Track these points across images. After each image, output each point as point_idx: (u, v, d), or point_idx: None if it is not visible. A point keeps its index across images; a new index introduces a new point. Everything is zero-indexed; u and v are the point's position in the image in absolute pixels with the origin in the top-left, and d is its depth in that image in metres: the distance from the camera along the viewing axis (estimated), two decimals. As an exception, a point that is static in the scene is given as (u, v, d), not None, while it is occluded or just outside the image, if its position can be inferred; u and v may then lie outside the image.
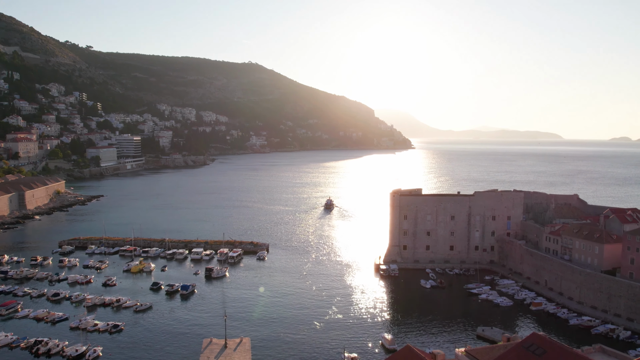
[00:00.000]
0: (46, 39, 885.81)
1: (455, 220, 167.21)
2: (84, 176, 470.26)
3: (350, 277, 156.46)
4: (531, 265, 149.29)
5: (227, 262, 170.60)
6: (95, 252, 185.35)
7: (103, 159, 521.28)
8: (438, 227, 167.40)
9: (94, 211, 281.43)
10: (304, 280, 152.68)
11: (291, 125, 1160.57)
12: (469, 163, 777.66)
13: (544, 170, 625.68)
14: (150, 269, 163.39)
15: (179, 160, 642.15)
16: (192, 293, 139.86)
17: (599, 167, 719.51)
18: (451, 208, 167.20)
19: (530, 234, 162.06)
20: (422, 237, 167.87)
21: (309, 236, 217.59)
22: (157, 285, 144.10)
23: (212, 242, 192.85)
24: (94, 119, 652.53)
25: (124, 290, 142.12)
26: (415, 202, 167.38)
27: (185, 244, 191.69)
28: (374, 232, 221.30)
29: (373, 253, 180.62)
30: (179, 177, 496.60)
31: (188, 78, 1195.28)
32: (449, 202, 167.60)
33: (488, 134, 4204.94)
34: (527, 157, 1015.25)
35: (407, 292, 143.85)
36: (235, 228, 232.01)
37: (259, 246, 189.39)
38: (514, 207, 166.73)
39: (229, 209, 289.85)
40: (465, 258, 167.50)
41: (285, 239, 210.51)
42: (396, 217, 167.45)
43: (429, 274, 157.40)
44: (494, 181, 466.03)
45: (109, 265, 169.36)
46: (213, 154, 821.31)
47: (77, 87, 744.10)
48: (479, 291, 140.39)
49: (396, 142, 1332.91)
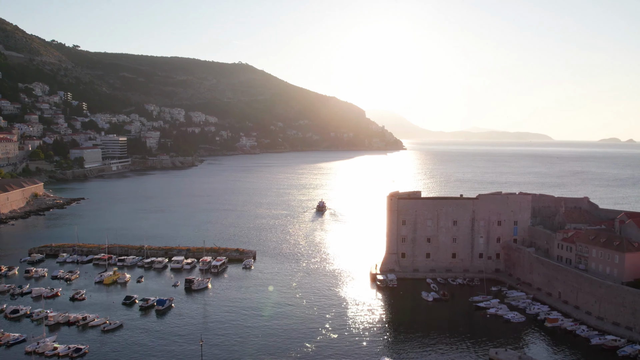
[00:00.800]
0: (31, 38, 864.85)
1: (457, 225, 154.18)
2: (67, 178, 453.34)
3: (345, 289, 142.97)
4: (542, 275, 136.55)
5: (209, 272, 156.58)
6: (67, 261, 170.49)
7: (87, 160, 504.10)
8: (439, 233, 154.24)
9: (72, 215, 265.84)
10: (293, 293, 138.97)
11: (282, 126, 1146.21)
12: (463, 164, 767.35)
13: (539, 171, 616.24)
14: (125, 280, 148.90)
15: (166, 161, 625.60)
16: (169, 308, 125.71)
17: (594, 167, 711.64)
18: (453, 212, 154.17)
19: (539, 240, 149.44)
20: (422, 244, 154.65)
21: (299, 242, 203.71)
22: (131, 300, 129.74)
23: (194, 249, 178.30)
24: (78, 119, 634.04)
25: (93, 306, 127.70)
26: (414, 206, 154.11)
27: (166, 252, 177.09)
28: (369, 237, 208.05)
29: (368, 261, 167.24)
30: (166, 179, 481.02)
31: (177, 78, 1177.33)
32: (451, 206, 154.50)
33: (478, 135, 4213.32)
34: (521, 157, 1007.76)
35: (407, 306, 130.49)
36: (221, 233, 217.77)
37: (245, 254, 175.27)
38: (521, 211, 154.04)
39: (215, 213, 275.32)
40: (469, 266, 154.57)
41: (274, 246, 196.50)
42: (394, 223, 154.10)
43: (430, 285, 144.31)
44: (489, 183, 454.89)
45: (80, 275, 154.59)
46: (202, 155, 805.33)
47: (62, 87, 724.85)
48: (487, 305, 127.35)
49: (387, 143, 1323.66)
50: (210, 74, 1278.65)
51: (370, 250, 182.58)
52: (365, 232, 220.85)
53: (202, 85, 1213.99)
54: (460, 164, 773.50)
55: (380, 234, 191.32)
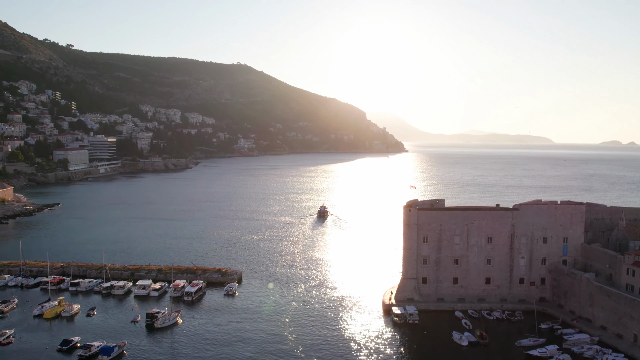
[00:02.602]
0: (21, 36, 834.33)
1: (492, 243, 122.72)
2: (49, 181, 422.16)
3: (351, 326, 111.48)
4: (608, 310, 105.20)
5: (182, 301, 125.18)
6: (8, 285, 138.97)
7: (72, 162, 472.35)
8: (469, 252, 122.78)
9: (39, 223, 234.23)
10: (285, 330, 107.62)
11: (281, 127, 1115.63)
12: (473, 167, 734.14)
13: (556, 174, 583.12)
14: (72, 312, 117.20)
15: (158, 163, 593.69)
16: (118, 358, 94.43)
17: (606, 170, 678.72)
18: (487, 227, 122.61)
19: (597, 262, 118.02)
20: (448, 266, 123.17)
21: (295, 259, 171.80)
22: (69, 345, 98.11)
23: (167, 269, 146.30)
24: (66, 119, 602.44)
25: (19, 353, 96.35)
26: (438, 219, 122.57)
27: (132, 272, 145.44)
28: (380, 253, 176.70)
29: (380, 286, 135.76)
30: (155, 182, 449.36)
31: (174, 79, 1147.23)
32: (484, 219, 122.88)
33: (479, 137, 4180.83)
34: (528, 160, 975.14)
35: (434, 352, 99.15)
36: (202, 247, 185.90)
37: (229, 275, 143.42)
38: (573, 225, 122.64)
39: (200, 222, 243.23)
40: (507, 295, 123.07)
41: (265, 263, 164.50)
42: (413, 240, 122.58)
43: (461, 320, 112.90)
44: (507, 187, 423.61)
45: (18, 306, 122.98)
46: (198, 157, 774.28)
47: (51, 86, 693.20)
48: (542, 354, 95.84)
49: (389, 145, 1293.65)
50: (208, 75, 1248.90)
51: (382, 271, 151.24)
52: (375, 246, 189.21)
53: (199, 86, 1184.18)
54: (470, 167, 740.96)
55: (395, 251, 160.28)
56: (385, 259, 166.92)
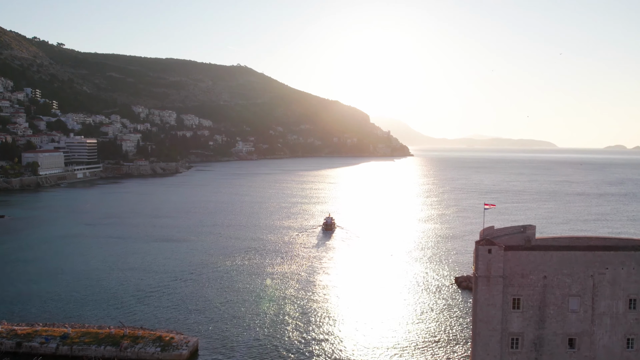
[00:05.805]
0: (4, 32, 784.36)
1: (637, 308, 67.75)
2: (12, 187, 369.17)
3: None
4: None
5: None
6: None
7: (44, 166, 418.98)
8: (596, 326, 67.74)
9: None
10: None
11: (281, 130, 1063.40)
12: (490, 172, 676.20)
13: (590, 180, 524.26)
14: None
15: (145, 167, 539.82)
16: None
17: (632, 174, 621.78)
18: (625, 277, 67.59)
19: None
20: (556, 351, 68.05)
21: (286, 305, 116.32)
22: None
23: (77, 332, 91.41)
24: (44, 118, 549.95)
25: None
26: (541, 265, 67.47)
27: (19, 341, 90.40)
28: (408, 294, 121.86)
29: None
30: (137, 188, 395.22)
31: (170, 79, 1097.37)
32: (618, 264, 67.85)
33: (482, 142, 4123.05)
34: (542, 164, 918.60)
35: None
36: (152, 284, 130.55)
37: (174, 347, 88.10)
38: None
39: (164, 245, 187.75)
40: (662, 402, 67.87)
41: (236, 322, 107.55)
42: (494, 305, 67.41)
43: None
44: (550, 193, 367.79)
45: None
46: (193, 160, 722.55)
47: (32, 84, 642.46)
48: None
49: (394, 148, 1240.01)
50: (206, 76, 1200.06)
51: (426, 341, 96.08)
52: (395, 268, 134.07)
53: (196, 87, 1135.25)
54: (486, 172, 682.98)
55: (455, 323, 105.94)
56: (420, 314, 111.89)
